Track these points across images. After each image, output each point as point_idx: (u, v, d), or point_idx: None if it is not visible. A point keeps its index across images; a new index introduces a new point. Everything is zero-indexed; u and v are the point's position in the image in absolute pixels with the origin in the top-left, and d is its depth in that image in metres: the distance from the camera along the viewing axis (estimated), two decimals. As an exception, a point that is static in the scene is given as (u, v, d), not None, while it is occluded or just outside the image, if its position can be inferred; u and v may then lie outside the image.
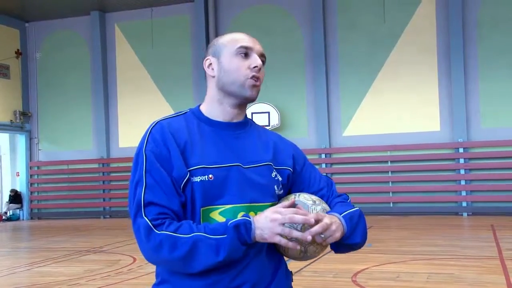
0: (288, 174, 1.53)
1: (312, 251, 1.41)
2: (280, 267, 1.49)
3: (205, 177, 1.38)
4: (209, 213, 1.38)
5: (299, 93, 12.67)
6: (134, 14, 13.94)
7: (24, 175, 14.76)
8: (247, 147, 1.47)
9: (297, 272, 5.54)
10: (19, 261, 7.61)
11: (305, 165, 1.60)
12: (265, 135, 1.56)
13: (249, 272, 1.39)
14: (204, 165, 1.39)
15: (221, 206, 1.39)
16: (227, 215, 1.38)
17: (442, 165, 11.68)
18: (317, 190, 1.56)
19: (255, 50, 1.50)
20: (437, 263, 6.12)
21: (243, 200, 1.40)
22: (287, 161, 1.54)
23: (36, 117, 14.84)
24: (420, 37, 11.90)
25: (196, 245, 1.30)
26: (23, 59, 14.78)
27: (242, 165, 1.43)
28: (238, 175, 1.41)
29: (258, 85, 1.47)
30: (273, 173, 1.48)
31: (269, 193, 1.45)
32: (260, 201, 1.42)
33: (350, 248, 1.49)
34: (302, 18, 12.72)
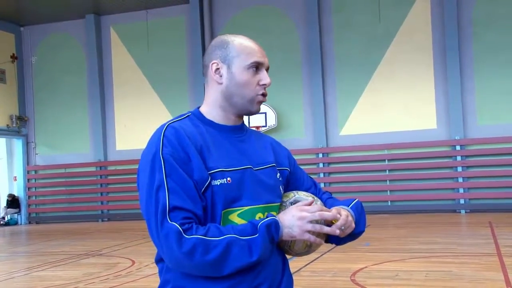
0: (287, 174, 1.60)
1: (315, 245, 1.48)
2: (286, 263, 1.55)
3: (224, 180, 1.40)
4: (228, 215, 1.40)
5: (295, 93, 12.69)
6: (129, 16, 13.93)
7: (21, 179, 14.73)
8: (252, 149, 1.52)
9: (296, 272, 5.54)
10: (17, 265, 7.59)
11: (295, 165, 1.67)
12: (262, 138, 1.62)
13: (267, 271, 1.43)
14: (222, 168, 1.40)
15: (239, 208, 1.42)
16: (246, 216, 1.42)
17: (439, 162, 11.71)
18: (307, 188, 1.64)
19: (265, 65, 1.52)
20: (435, 261, 6.13)
21: (259, 201, 1.45)
22: (285, 161, 1.61)
23: (32, 121, 14.82)
24: (416, 36, 11.93)
25: (229, 247, 1.30)
26: (19, 63, 14.75)
27: (253, 167, 1.48)
28: (251, 177, 1.45)
29: (265, 101, 1.52)
30: (278, 174, 1.54)
31: (277, 194, 1.51)
32: (272, 202, 1.48)
33: (354, 238, 1.56)
34: (297, 19, 12.74)
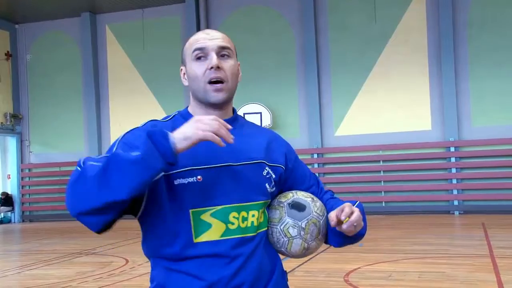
0: (281, 171, 1.51)
1: (313, 247, 1.45)
2: (277, 266, 1.48)
3: (193, 178, 1.36)
4: (200, 215, 1.36)
5: (291, 93, 12.70)
6: (125, 15, 13.89)
7: (15, 177, 14.66)
8: (238, 145, 1.41)
9: (290, 272, 5.55)
10: (10, 264, 7.55)
11: (296, 162, 1.59)
12: (258, 132, 1.54)
13: (247, 272, 1.38)
14: (192, 166, 1.36)
15: (212, 208, 1.37)
16: (219, 216, 1.37)
17: (434, 164, 11.75)
18: (307, 187, 1.57)
19: (211, 47, 1.41)
20: (428, 262, 6.15)
21: (234, 200, 1.39)
22: (280, 158, 1.53)
23: (27, 119, 14.76)
24: (411, 37, 11.97)
25: (110, 159, 1.21)
26: (13, 61, 14.68)
27: (234, 164, 1.41)
28: (229, 175, 1.39)
29: (220, 87, 1.40)
30: (264, 171, 1.45)
31: (260, 191, 1.43)
32: (251, 200, 1.41)
33: (354, 240, 1.51)
34: (293, 19, 12.75)
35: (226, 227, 1.37)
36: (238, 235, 1.38)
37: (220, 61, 1.41)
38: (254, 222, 1.41)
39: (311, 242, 1.43)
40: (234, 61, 1.46)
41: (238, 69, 1.48)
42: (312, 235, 1.43)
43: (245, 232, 1.39)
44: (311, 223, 1.41)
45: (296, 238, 1.41)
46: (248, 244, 1.39)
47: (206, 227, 1.37)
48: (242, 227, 1.39)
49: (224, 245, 1.36)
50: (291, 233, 1.42)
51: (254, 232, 1.41)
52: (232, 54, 1.46)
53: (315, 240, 1.44)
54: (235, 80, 1.45)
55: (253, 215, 1.41)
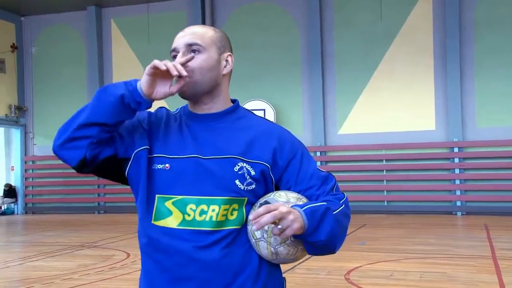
0: (263, 169, 1.42)
1: (284, 253, 1.35)
2: (247, 268, 1.40)
3: (162, 166, 1.43)
4: (164, 201, 1.42)
5: (294, 91, 12.68)
6: (131, 9, 13.89)
7: (19, 169, 14.71)
8: (214, 138, 1.44)
9: (290, 269, 5.55)
10: (13, 255, 7.59)
11: (294, 159, 1.47)
12: (251, 127, 1.49)
13: (195, 267, 1.37)
14: (164, 154, 1.44)
15: (174, 196, 1.40)
16: (179, 205, 1.40)
17: (437, 164, 11.72)
18: (305, 189, 1.45)
19: (180, 46, 1.45)
20: (430, 262, 6.14)
21: (194, 193, 1.39)
22: (264, 155, 1.44)
23: (31, 111, 14.79)
24: (417, 36, 11.92)
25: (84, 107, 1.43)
26: (19, 53, 14.70)
27: (201, 157, 1.42)
28: (194, 167, 1.41)
29: (181, 81, 1.40)
30: (236, 166, 1.40)
31: (226, 188, 1.39)
32: (213, 195, 1.38)
33: (317, 248, 1.37)
34: (298, 16, 12.72)
35: (183, 217, 1.39)
36: (194, 227, 1.38)
37: None
38: (213, 217, 1.38)
39: (278, 246, 1.33)
40: (206, 55, 1.44)
41: (215, 61, 1.46)
42: (277, 239, 1.33)
43: (201, 225, 1.38)
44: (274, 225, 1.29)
45: (261, 240, 1.35)
46: (204, 238, 1.37)
47: (167, 213, 1.41)
48: (198, 220, 1.38)
49: (178, 234, 1.39)
50: (256, 235, 1.36)
51: (214, 227, 1.38)
52: (203, 49, 1.44)
53: (282, 245, 1.33)
54: (205, 73, 1.44)
55: (213, 209, 1.38)
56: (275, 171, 1.45)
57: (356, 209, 12.06)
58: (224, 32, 1.55)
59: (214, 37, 1.48)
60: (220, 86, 1.50)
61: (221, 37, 1.50)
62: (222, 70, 1.49)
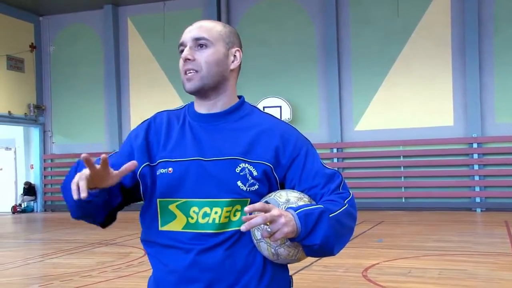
0: (265, 168, 1.39)
1: (284, 254, 1.33)
2: (251, 269, 1.39)
3: (165, 170, 1.42)
4: (168, 205, 1.41)
5: (311, 87, 12.62)
6: (147, 7, 13.96)
7: (38, 167, 14.92)
8: (215, 139, 1.42)
9: (307, 266, 5.53)
10: (32, 252, 7.69)
11: (298, 157, 1.43)
12: (253, 126, 1.45)
13: (200, 268, 1.37)
14: (167, 158, 1.43)
15: (178, 200, 1.40)
16: (183, 209, 1.39)
17: (456, 160, 11.56)
18: (308, 188, 1.40)
19: (187, 40, 1.44)
20: (449, 259, 6.06)
21: (198, 195, 1.38)
22: (266, 154, 1.40)
23: (49, 110, 14.97)
24: (435, 31, 11.77)
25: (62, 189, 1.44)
26: (37, 52, 14.89)
27: (203, 159, 1.40)
28: (197, 169, 1.39)
29: (190, 76, 1.42)
30: (238, 168, 1.38)
31: (228, 189, 1.37)
32: (215, 197, 1.37)
33: (314, 251, 1.32)
34: (314, 12, 12.64)
35: (187, 220, 1.39)
36: (197, 230, 1.38)
37: (194, 52, 1.43)
38: (216, 219, 1.37)
39: (278, 248, 1.31)
40: (213, 49, 1.43)
41: (222, 56, 1.44)
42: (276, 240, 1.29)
43: (204, 228, 1.37)
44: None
45: (261, 241, 1.33)
46: (207, 240, 1.37)
47: (172, 217, 1.41)
48: (202, 222, 1.38)
49: (183, 237, 1.39)
50: (257, 236, 1.34)
51: (217, 230, 1.37)
52: (211, 43, 1.42)
53: (282, 246, 1.31)
54: (212, 67, 1.42)
55: (216, 212, 1.37)
56: (278, 170, 1.42)
57: (374, 206, 11.98)
58: (233, 27, 1.52)
59: (222, 31, 1.46)
60: (227, 81, 1.46)
61: (230, 32, 1.48)
62: (230, 65, 1.46)
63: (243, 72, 11.32)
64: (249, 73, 12.68)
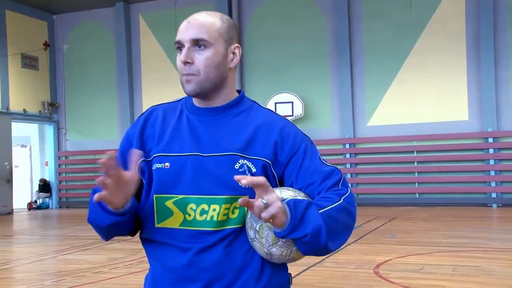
0: (264, 165, 1.36)
1: (277, 254, 1.30)
2: (250, 267, 1.37)
3: (162, 165, 1.38)
4: (164, 201, 1.38)
5: (323, 82, 12.54)
6: (158, 4, 13.99)
7: (52, 164, 15.07)
8: (213, 134, 1.38)
9: (319, 263, 5.49)
10: (47, 248, 7.77)
11: (296, 154, 1.39)
12: (252, 121, 1.42)
13: (199, 267, 1.34)
14: (164, 153, 1.39)
15: (175, 196, 1.36)
16: (179, 205, 1.36)
17: (471, 155, 11.42)
18: (306, 185, 1.37)
19: (185, 40, 1.37)
20: (463, 255, 5.98)
21: (196, 192, 1.35)
22: (264, 150, 1.37)
23: (63, 107, 15.11)
24: (448, 24, 11.61)
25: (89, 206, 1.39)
26: (51, 50, 15.03)
27: (202, 154, 1.37)
28: (194, 165, 1.36)
29: (189, 79, 1.37)
30: (236, 164, 1.35)
31: (226, 186, 1.34)
32: (213, 194, 1.34)
33: (306, 245, 1.26)
34: (326, 7, 12.55)
35: (184, 217, 1.36)
36: (195, 227, 1.35)
37: (192, 54, 1.37)
38: (214, 216, 1.34)
39: (270, 247, 1.28)
40: (213, 51, 1.37)
41: (221, 57, 1.39)
42: (268, 240, 1.28)
43: (202, 225, 1.34)
44: (264, 226, 1.26)
45: (254, 241, 1.30)
46: (205, 238, 1.34)
47: (168, 214, 1.37)
48: (199, 220, 1.34)
49: (180, 235, 1.36)
50: (250, 235, 1.32)
51: (215, 227, 1.34)
52: (210, 44, 1.36)
53: (274, 246, 1.28)
54: (211, 71, 1.37)
55: (214, 209, 1.34)
56: (276, 167, 1.39)
57: (387, 202, 11.89)
58: (232, 20, 1.45)
59: (222, 28, 1.39)
60: (226, 79, 1.41)
61: (229, 27, 1.41)
62: (229, 64, 1.41)
63: (255, 68, 11.35)
64: (261, 69, 12.64)
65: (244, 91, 1.52)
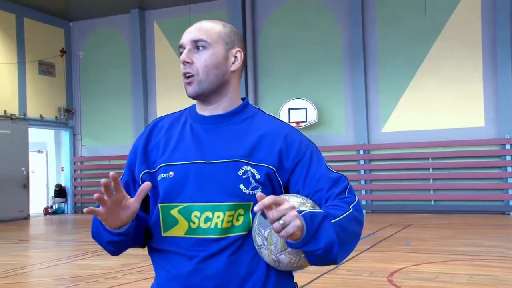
0: (268, 172, 1.36)
1: (285, 261, 1.28)
2: (255, 274, 1.36)
3: (166, 174, 1.39)
4: (169, 210, 1.38)
5: (337, 88, 12.50)
6: (173, 11, 14.10)
7: (68, 170, 15.23)
8: (217, 141, 1.39)
9: (331, 270, 5.45)
10: (62, 253, 7.84)
11: (301, 161, 1.38)
12: (256, 128, 1.42)
13: (203, 275, 1.34)
14: (168, 162, 1.40)
15: (179, 204, 1.37)
16: (184, 213, 1.36)
17: (487, 162, 11.27)
18: (313, 192, 1.36)
19: (185, 42, 1.41)
20: (479, 264, 5.90)
21: (199, 199, 1.35)
22: (269, 157, 1.37)
23: (79, 113, 15.27)
24: (464, 29, 11.50)
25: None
26: (67, 57, 15.22)
27: (205, 161, 1.37)
28: (198, 173, 1.36)
29: (189, 81, 1.40)
30: (240, 170, 1.35)
31: (230, 193, 1.34)
32: (217, 201, 1.34)
33: (316, 258, 1.26)
34: (340, 13, 12.53)
35: (189, 225, 1.36)
36: (199, 235, 1.34)
37: (192, 55, 1.40)
38: (219, 224, 1.33)
39: (279, 254, 1.27)
40: (212, 51, 1.39)
41: (221, 58, 1.40)
42: (277, 247, 1.26)
43: (206, 233, 1.34)
44: (273, 232, 1.24)
45: (262, 247, 1.29)
46: (210, 246, 1.33)
47: (174, 222, 1.38)
48: (203, 227, 1.34)
49: (185, 243, 1.36)
50: (258, 242, 1.31)
51: (220, 235, 1.33)
52: (209, 45, 1.39)
53: (282, 253, 1.27)
54: (211, 71, 1.38)
55: (218, 216, 1.33)
56: (282, 174, 1.38)
57: (401, 209, 11.78)
58: (235, 28, 1.48)
59: (222, 32, 1.42)
60: (228, 83, 1.42)
61: (230, 32, 1.43)
62: (230, 67, 1.42)
63: (269, 74, 11.34)
64: (275, 75, 12.64)
65: (258, 97, 1.54)
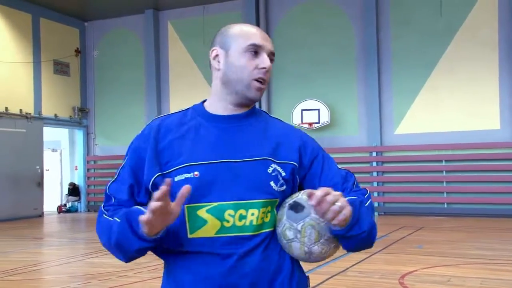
0: (293, 168, 1.42)
1: (317, 252, 1.32)
2: (283, 269, 1.40)
3: (190, 174, 1.36)
4: (196, 210, 1.36)
5: (350, 90, 12.46)
6: (187, 11, 14.16)
7: (81, 169, 15.38)
8: (243, 140, 1.41)
9: (342, 272, 5.44)
10: (75, 251, 7.92)
11: (316, 158, 1.47)
12: (272, 127, 1.48)
13: (240, 273, 1.34)
14: (190, 162, 1.37)
15: (208, 204, 1.35)
16: (215, 212, 1.35)
17: (502, 165, 11.14)
18: (329, 187, 1.38)
19: (266, 49, 1.43)
20: (492, 268, 5.84)
21: (230, 198, 1.35)
22: (292, 154, 1.44)
23: (93, 113, 15.41)
24: (480, 31, 11.39)
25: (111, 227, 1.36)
26: (82, 57, 15.37)
27: (233, 160, 1.38)
28: (227, 171, 1.36)
29: (263, 87, 1.43)
30: (269, 168, 1.39)
31: (262, 190, 1.37)
32: (249, 198, 1.35)
33: (358, 241, 1.35)
34: (354, 14, 12.48)
35: (221, 224, 1.35)
36: (234, 233, 1.35)
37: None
38: (254, 221, 1.35)
39: (312, 246, 1.32)
40: None
41: None
42: (311, 238, 1.31)
43: (241, 230, 1.35)
44: (307, 225, 1.30)
45: (293, 241, 1.32)
46: (245, 243, 1.35)
47: (201, 223, 1.36)
48: (239, 225, 1.35)
49: (217, 243, 1.35)
50: (289, 236, 1.34)
51: (254, 232, 1.36)
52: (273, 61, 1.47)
53: (316, 244, 1.32)
54: None
55: (253, 213, 1.35)
56: (300, 171, 1.46)
57: (414, 211, 11.70)
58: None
59: None
60: None
61: None
62: None
63: (282, 75, 11.37)
64: (288, 76, 12.63)
65: (270, 98, 1.61)
